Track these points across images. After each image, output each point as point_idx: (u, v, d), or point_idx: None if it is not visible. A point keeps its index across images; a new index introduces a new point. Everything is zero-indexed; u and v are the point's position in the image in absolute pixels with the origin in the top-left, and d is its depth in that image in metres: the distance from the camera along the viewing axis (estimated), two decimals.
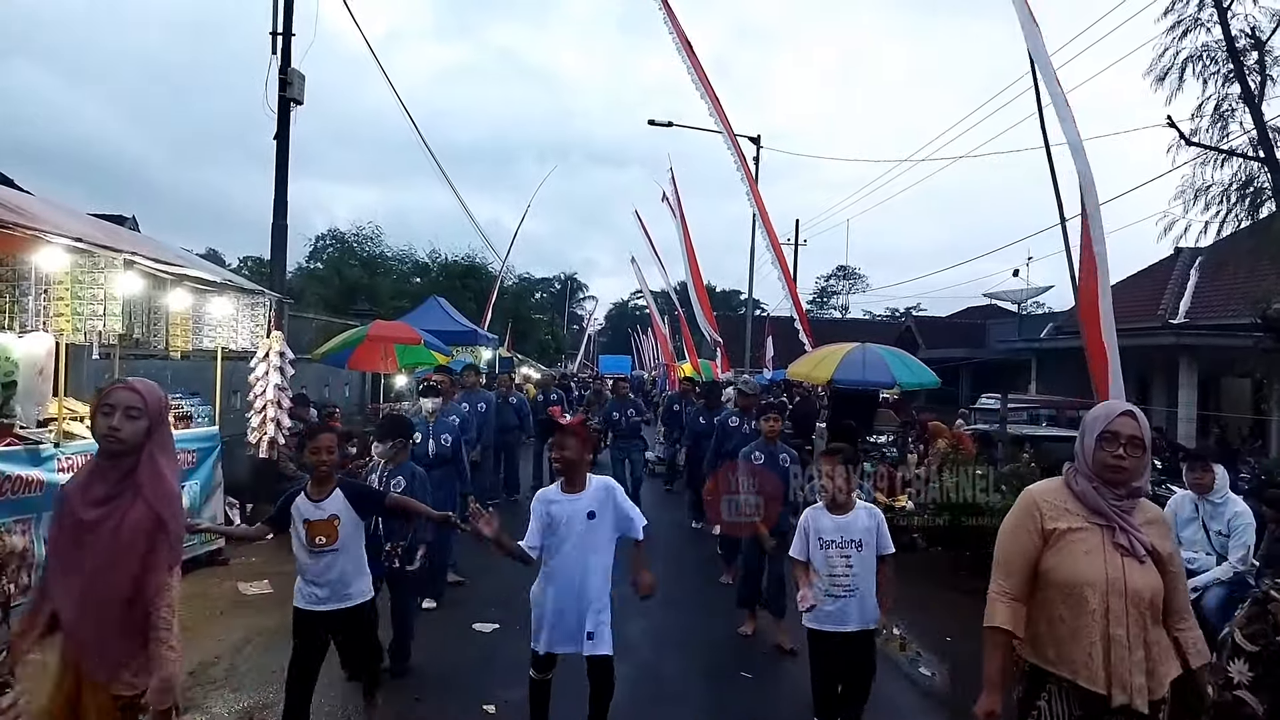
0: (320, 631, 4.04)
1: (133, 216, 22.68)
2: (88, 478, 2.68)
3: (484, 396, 10.00)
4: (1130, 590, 2.53)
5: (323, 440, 4.11)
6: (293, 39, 10.03)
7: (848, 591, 4.14)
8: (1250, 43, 8.67)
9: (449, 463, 6.83)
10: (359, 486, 4.31)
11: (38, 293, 5.76)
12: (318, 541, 3.97)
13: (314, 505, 4.02)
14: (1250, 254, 9.87)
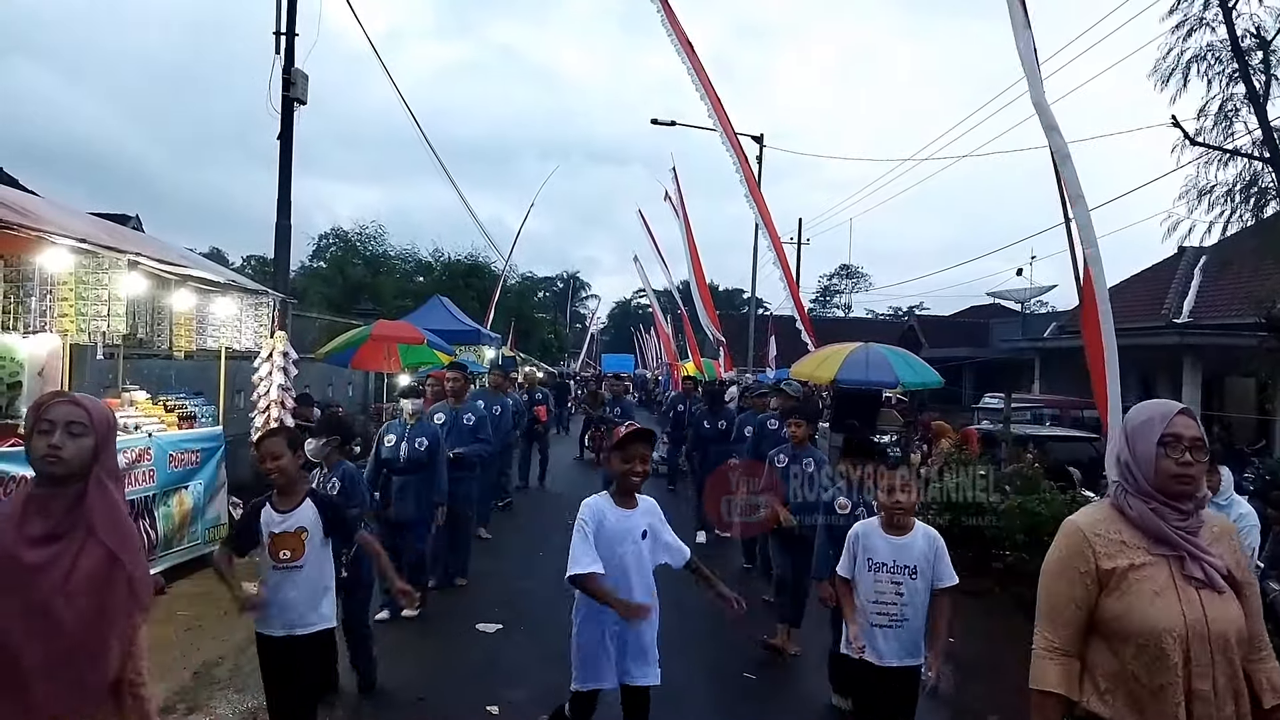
0: (284, 660, 3.68)
1: (136, 215, 22.72)
2: (22, 510, 2.13)
3: (501, 400, 9.79)
4: (1214, 633, 2.12)
5: (267, 446, 3.70)
6: (296, 39, 10.04)
7: (892, 621, 3.71)
8: (1255, 42, 8.65)
9: (423, 468, 6.33)
10: (332, 504, 3.93)
11: (42, 293, 5.77)
12: (282, 556, 3.63)
13: (280, 516, 3.68)
14: (1254, 254, 9.85)
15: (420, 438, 6.35)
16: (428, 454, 6.34)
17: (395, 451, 6.29)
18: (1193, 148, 8.89)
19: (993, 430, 10.83)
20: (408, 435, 6.35)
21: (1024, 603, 7.04)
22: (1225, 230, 9.60)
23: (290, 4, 9.98)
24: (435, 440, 6.45)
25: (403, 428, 6.39)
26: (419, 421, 6.49)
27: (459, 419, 7.55)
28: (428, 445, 6.36)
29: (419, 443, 6.33)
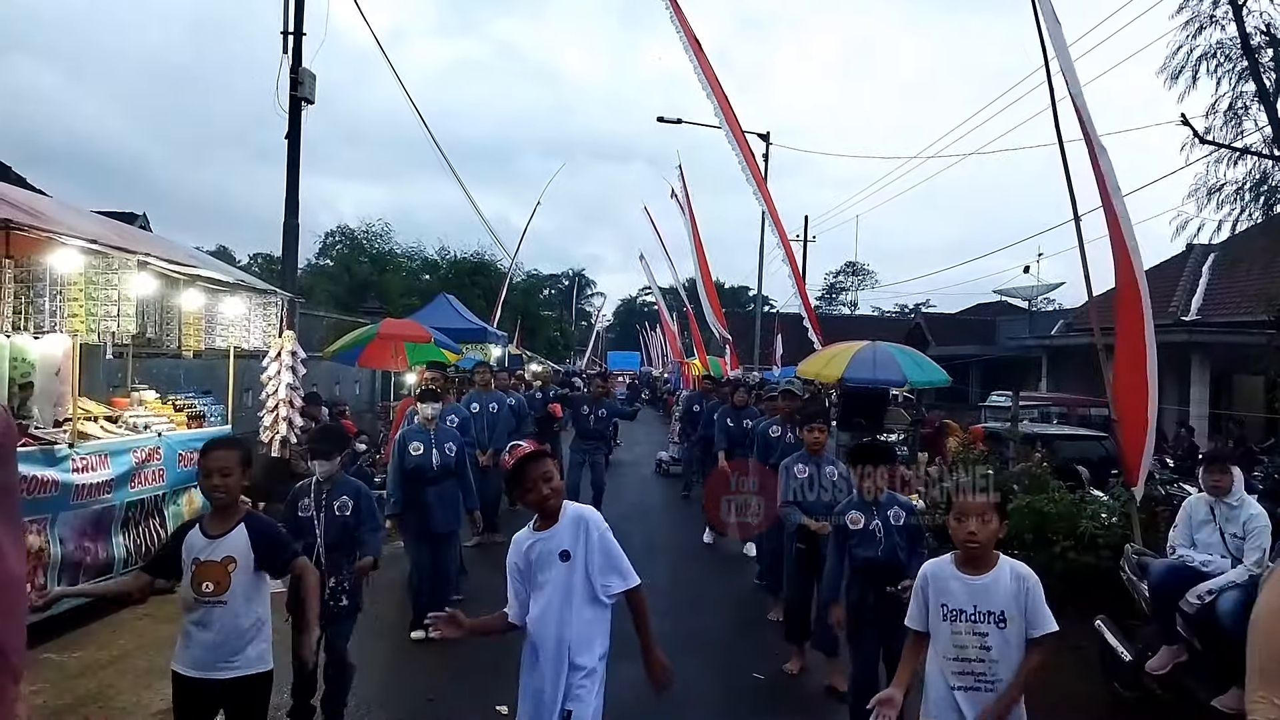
0: (201, 704, 3.19)
1: (144, 214, 22.82)
2: None
3: (497, 397, 9.44)
4: None
5: (214, 459, 3.18)
6: (304, 39, 10.06)
7: (979, 682, 2.93)
8: (1266, 40, 8.61)
9: (453, 475, 6.16)
10: (269, 529, 3.33)
11: (52, 294, 5.79)
12: (204, 589, 3.10)
13: (208, 542, 3.15)
14: (1264, 252, 9.81)
15: (448, 442, 6.18)
16: (457, 459, 6.17)
17: (426, 459, 6.01)
18: (1202, 145, 8.85)
19: (999, 430, 10.79)
20: (434, 441, 6.10)
21: None
22: (1235, 228, 9.57)
23: (298, 4, 10.00)
24: (460, 444, 6.28)
25: (427, 434, 6.12)
26: (440, 426, 6.30)
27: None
28: (456, 450, 6.18)
29: (448, 448, 6.13)
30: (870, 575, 4.31)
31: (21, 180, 15.12)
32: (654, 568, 8.39)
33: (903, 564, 4.23)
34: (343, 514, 4.37)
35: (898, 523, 4.35)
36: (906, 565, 4.16)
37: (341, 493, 4.43)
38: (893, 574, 4.19)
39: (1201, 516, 5.09)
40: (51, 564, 5.47)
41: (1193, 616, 4.77)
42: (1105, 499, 7.51)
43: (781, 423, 7.17)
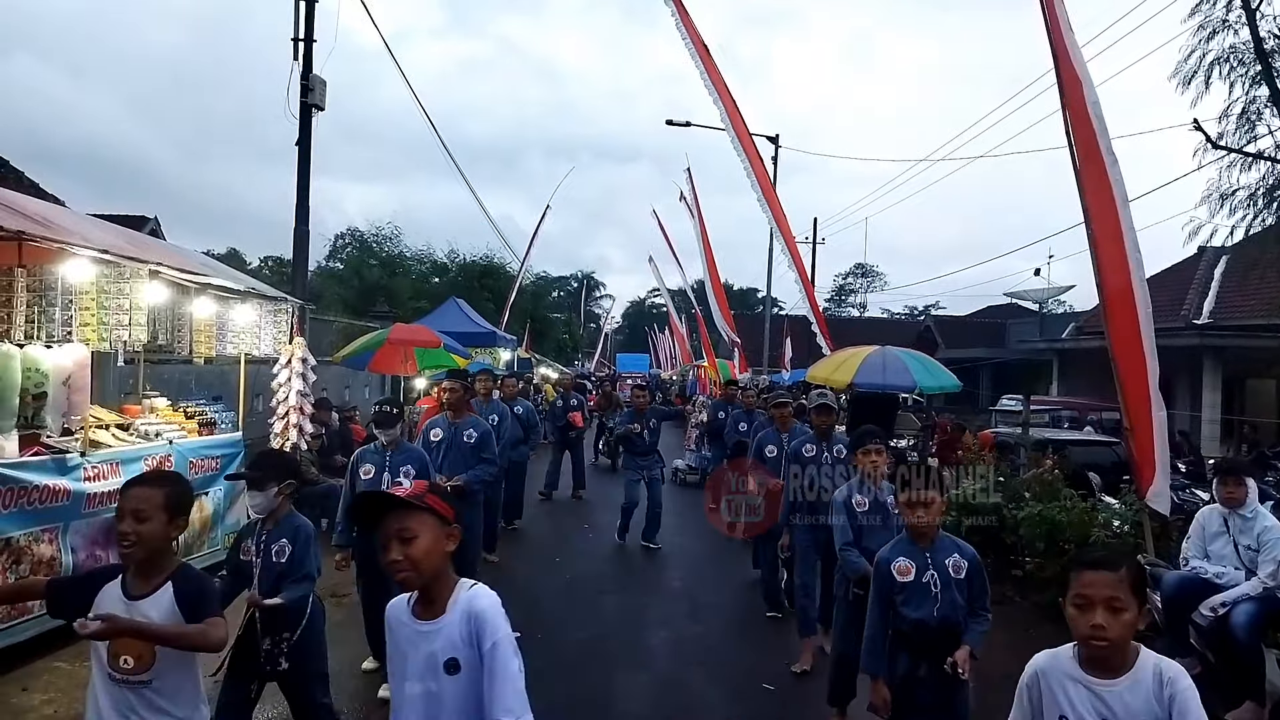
0: None
1: (155, 217, 22.96)
2: None
3: (498, 408, 8.64)
4: None
5: (129, 499, 2.55)
6: (314, 45, 10.09)
7: None
8: (1278, 44, 8.56)
9: None
10: (200, 592, 2.58)
11: (65, 303, 5.82)
12: (122, 664, 2.44)
13: (126, 604, 2.48)
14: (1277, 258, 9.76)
15: (405, 466, 5.26)
16: None
17: (375, 485, 5.10)
18: (1214, 150, 8.80)
19: (1008, 438, 10.73)
20: (389, 464, 5.27)
21: (1044, 611, 7.00)
22: (1247, 233, 9.51)
23: (309, 11, 10.03)
24: (424, 467, 5.39)
25: (381, 455, 5.32)
26: (401, 446, 5.44)
27: (458, 436, 6.43)
28: (415, 478, 5.14)
29: (404, 472, 5.23)
30: (922, 641, 3.45)
31: (35, 185, 15.23)
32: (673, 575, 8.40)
33: (961, 625, 3.45)
34: (279, 560, 3.61)
35: (958, 575, 3.44)
36: (965, 630, 3.45)
37: (281, 534, 3.65)
38: (950, 641, 3.40)
39: (1215, 528, 5.06)
40: (63, 573, 5.49)
41: (1206, 629, 4.75)
42: (1117, 506, 7.47)
43: (816, 440, 6.08)
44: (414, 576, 2.11)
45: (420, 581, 2.13)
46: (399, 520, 2.10)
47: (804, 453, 6.00)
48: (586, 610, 7.03)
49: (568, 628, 6.56)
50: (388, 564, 2.09)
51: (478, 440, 6.41)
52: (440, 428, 6.44)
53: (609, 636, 6.43)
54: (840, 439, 6.08)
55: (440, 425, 6.46)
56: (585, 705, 5.16)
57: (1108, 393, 6.43)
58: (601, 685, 5.49)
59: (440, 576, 2.16)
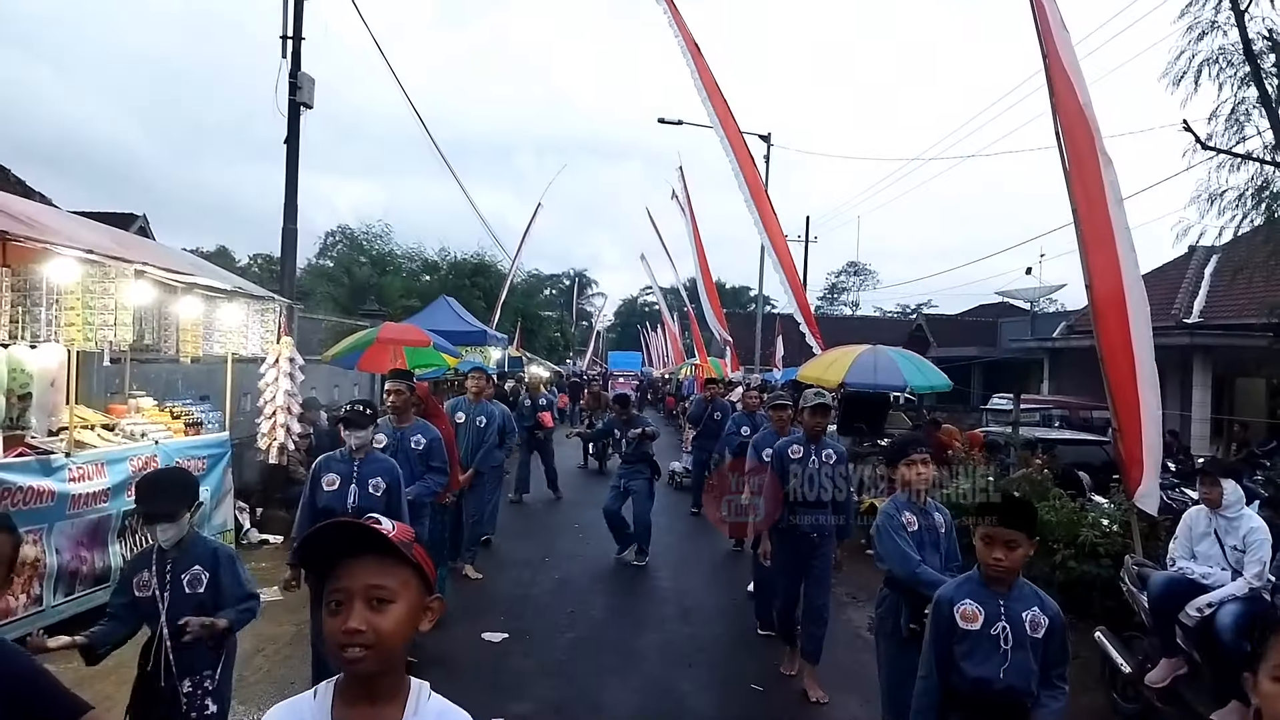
0: None
1: (143, 215, 22.81)
2: None
3: (487, 409, 8.22)
4: None
5: None
6: (302, 42, 10.06)
7: None
8: (1267, 45, 8.57)
9: None
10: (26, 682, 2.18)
11: (49, 303, 5.78)
12: None
13: None
14: (1266, 258, 9.77)
15: (374, 479, 4.73)
16: (386, 499, 4.72)
17: (339, 499, 4.65)
18: (1204, 151, 8.81)
19: (997, 438, 10.75)
20: (357, 475, 4.73)
21: None
22: (1236, 234, 9.54)
23: (297, 9, 9.99)
24: (396, 482, 4.85)
25: (349, 464, 4.77)
26: (370, 456, 4.86)
27: (404, 443, 5.74)
28: (386, 488, 4.74)
29: (373, 485, 4.70)
30: (980, 706, 2.88)
31: (21, 183, 15.13)
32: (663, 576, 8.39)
33: (1032, 696, 2.85)
34: (194, 590, 3.19)
35: (1034, 633, 2.83)
36: (1036, 701, 2.85)
37: (193, 561, 3.22)
38: (1014, 714, 2.86)
39: (1201, 528, 5.08)
40: (48, 574, 5.46)
41: (1192, 629, 4.76)
42: (1106, 506, 7.49)
43: (806, 441, 5.64)
44: (372, 660, 1.43)
45: (376, 668, 1.46)
46: (375, 572, 1.45)
47: (789, 454, 5.57)
48: (575, 611, 7.01)
49: (557, 628, 6.55)
50: (342, 633, 1.41)
51: (426, 448, 5.76)
52: (384, 434, 5.64)
53: (598, 637, 6.42)
54: (829, 443, 5.70)
55: (384, 431, 5.67)
56: (574, 706, 5.15)
57: (1099, 392, 6.43)
58: (590, 686, 5.47)
59: (398, 669, 1.55)
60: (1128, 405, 6.01)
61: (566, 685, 5.45)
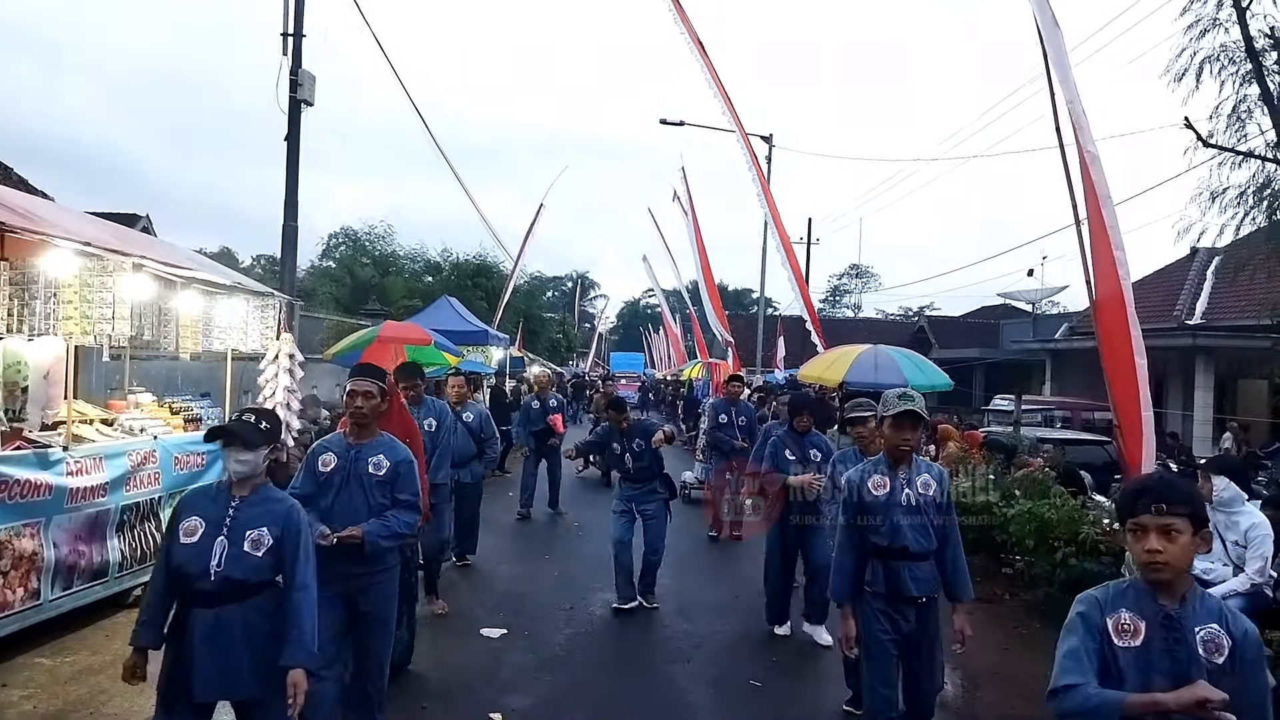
0: None
1: (146, 215, 22.87)
2: None
3: (435, 409, 6.54)
4: None
5: None
6: (304, 40, 10.06)
7: None
8: (1269, 43, 8.56)
9: (255, 594, 3.16)
10: None
11: (46, 296, 5.77)
12: None
13: None
14: (1268, 257, 9.77)
15: (256, 528, 3.18)
16: (266, 565, 3.18)
17: (199, 557, 3.10)
18: (1205, 149, 8.80)
19: (999, 437, 10.73)
20: (230, 522, 3.18)
21: (1034, 609, 6.99)
22: (1238, 233, 9.53)
23: (298, 6, 10.00)
24: (293, 531, 3.24)
25: (221, 503, 3.22)
26: (260, 492, 3.29)
27: (360, 465, 4.12)
28: (272, 546, 3.18)
29: (253, 539, 3.16)
30: None
31: (23, 181, 15.14)
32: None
33: None
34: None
35: (1213, 656, 2.21)
36: None
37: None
38: None
39: None
40: (45, 568, 5.44)
41: None
42: (1107, 504, 7.47)
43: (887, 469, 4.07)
44: None
45: None
46: None
47: (869, 489, 4.00)
48: (574, 607, 6.99)
49: (555, 624, 6.53)
50: None
51: (391, 474, 4.11)
52: (334, 452, 4.14)
53: (596, 633, 6.41)
54: (924, 465, 4.11)
55: (334, 448, 4.17)
56: (572, 702, 5.13)
57: (1100, 393, 6.40)
58: (588, 682, 5.46)
59: None
60: (1129, 406, 5.97)
61: (565, 681, 5.43)
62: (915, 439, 3.96)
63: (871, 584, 3.92)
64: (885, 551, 3.88)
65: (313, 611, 3.16)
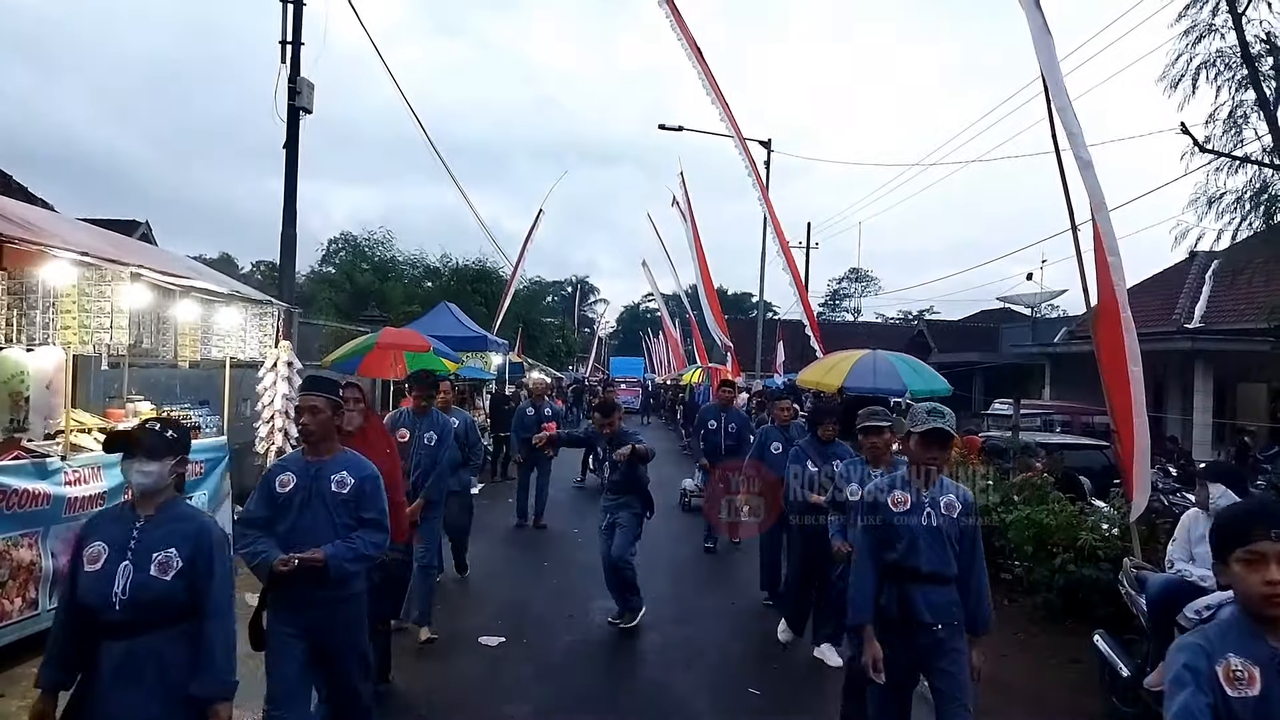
0: None
1: (146, 222, 22.89)
2: None
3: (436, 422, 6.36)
4: None
5: None
6: (302, 48, 10.09)
7: None
8: (1265, 48, 8.57)
9: (170, 624, 2.84)
10: None
11: (45, 306, 5.79)
12: None
13: None
14: (1265, 262, 9.78)
15: (164, 550, 2.86)
16: (182, 587, 2.86)
17: (102, 585, 2.80)
18: (1202, 154, 8.80)
19: (998, 442, 10.73)
20: (135, 544, 2.86)
21: (1033, 615, 6.99)
22: (1234, 237, 9.53)
23: (296, 14, 10.03)
24: (205, 549, 2.91)
25: (125, 525, 2.91)
26: (168, 509, 2.96)
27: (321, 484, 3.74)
28: (184, 566, 2.86)
29: (161, 561, 2.84)
30: None
31: (23, 189, 15.17)
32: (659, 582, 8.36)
33: None
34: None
35: None
36: None
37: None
38: None
39: (1200, 531, 5.05)
40: (44, 577, 5.45)
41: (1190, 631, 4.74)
42: (1106, 510, 7.47)
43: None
44: None
45: None
46: None
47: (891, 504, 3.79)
48: (574, 615, 6.98)
49: (554, 632, 6.53)
50: None
51: (355, 492, 3.76)
52: (293, 471, 3.77)
53: (595, 641, 6.40)
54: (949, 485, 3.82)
55: (292, 467, 3.80)
56: (571, 709, 5.13)
57: (1099, 396, 6.41)
58: (588, 689, 5.46)
59: None
60: (1125, 412, 5.99)
61: (564, 689, 5.43)
62: (944, 458, 3.72)
63: (885, 607, 3.66)
64: (899, 571, 3.64)
65: (228, 639, 2.88)
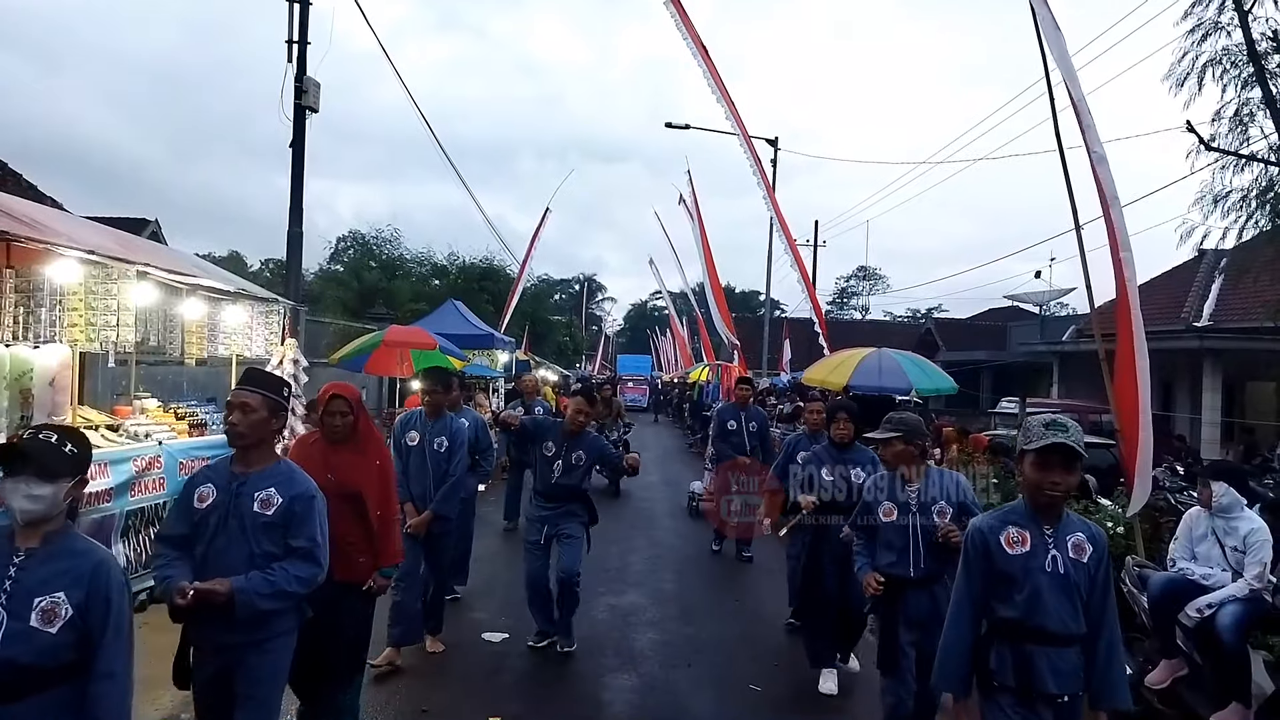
0: None
1: (155, 220, 22.98)
2: None
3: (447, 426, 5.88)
4: None
5: None
6: (308, 47, 10.13)
7: None
8: (1271, 46, 8.54)
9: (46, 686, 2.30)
10: None
11: (52, 304, 5.84)
12: None
13: None
14: (1272, 261, 9.74)
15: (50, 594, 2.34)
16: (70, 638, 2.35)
17: None
18: (1208, 152, 8.78)
19: (1004, 440, 10.70)
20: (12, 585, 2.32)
21: None
22: (1240, 236, 9.50)
23: (303, 14, 10.07)
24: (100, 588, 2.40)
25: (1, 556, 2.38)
26: (58, 543, 2.41)
27: (242, 503, 3.18)
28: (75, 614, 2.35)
29: (45, 607, 2.31)
30: None
31: (33, 187, 15.25)
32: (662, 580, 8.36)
33: None
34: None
35: None
36: None
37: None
38: None
39: (1201, 530, 5.05)
40: None
41: (1192, 630, 4.74)
42: (1111, 508, 7.44)
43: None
44: None
45: None
46: None
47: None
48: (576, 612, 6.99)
49: None
50: None
51: (281, 513, 3.18)
52: (215, 483, 3.23)
53: (597, 637, 6.42)
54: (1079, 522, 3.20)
55: (215, 478, 3.26)
56: (572, 706, 5.15)
57: (1107, 396, 6.38)
58: (589, 686, 5.48)
59: None
60: (1130, 413, 5.96)
61: (565, 685, 5.46)
62: (1069, 484, 2.94)
63: (997, 674, 2.99)
64: (1017, 630, 2.96)
65: (121, 709, 2.39)
